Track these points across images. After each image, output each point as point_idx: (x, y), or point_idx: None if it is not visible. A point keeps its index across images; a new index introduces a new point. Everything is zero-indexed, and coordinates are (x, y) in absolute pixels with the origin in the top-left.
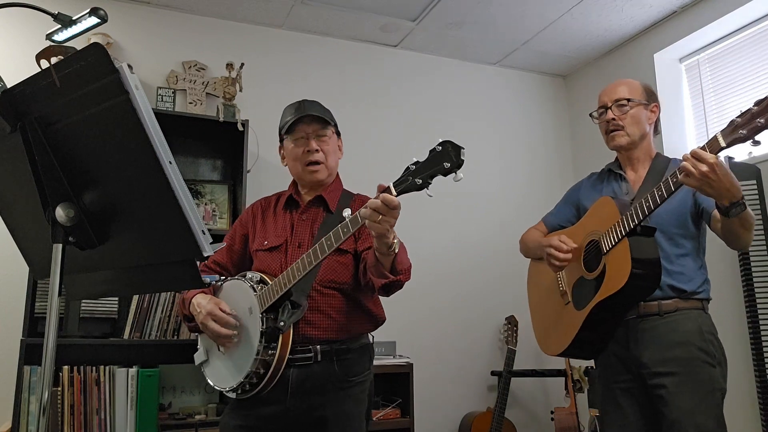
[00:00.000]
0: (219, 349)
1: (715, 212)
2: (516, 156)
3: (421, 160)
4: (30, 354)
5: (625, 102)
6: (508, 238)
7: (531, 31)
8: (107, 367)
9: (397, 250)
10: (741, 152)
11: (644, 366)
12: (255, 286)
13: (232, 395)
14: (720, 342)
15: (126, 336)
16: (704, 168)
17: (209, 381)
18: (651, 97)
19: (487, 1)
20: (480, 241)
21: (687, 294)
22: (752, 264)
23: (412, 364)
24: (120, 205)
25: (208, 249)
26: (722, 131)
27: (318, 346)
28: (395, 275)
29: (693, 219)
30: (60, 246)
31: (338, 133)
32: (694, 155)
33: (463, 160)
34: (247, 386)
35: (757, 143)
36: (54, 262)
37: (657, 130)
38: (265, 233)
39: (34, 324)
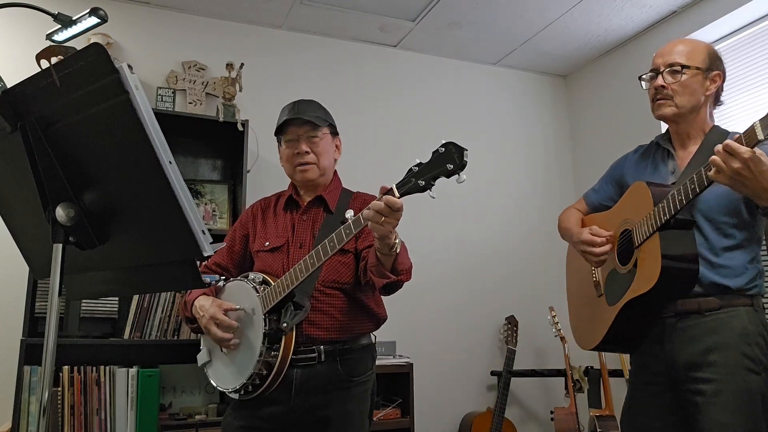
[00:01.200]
0: (222, 350)
1: None
2: (516, 156)
3: (424, 162)
4: (30, 354)
5: (679, 68)
6: (507, 238)
7: (531, 31)
8: (107, 367)
9: (398, 251)
10: None
11: (679, 369)
12: (258, 287)
13: (235, 396)
14: None
15: (126, 336)
16: (736, 164)
17: (212, 382)
18: (714, 64)
19: (487, 1)
20: (480, 241)
21: (731, 290)
22: None
23: (412, 364)
24: (120, 205)
25: (208, 249)
26: (762, 119)
27: (321, 346)
28: (396, 275)
29: (747, 205)
30: (60, 246)
31: (335, 133)
32: (726, 148)
33: (466, 162)
34: (250, 387)
35: None
36: (54, 262)
37: (718, 101)
38: (265, 234)
39: (34, 324)
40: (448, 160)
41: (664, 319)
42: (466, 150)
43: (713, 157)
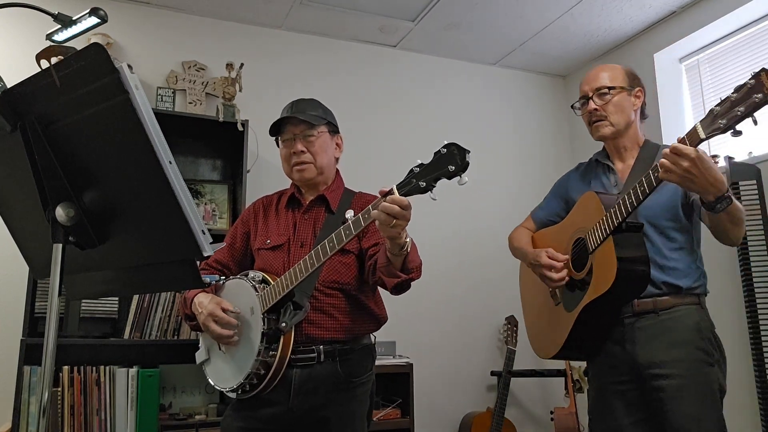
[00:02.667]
0: (220, 348)
1: None
2: (515, 156)
3: (425, 162)
4: (30, 354)
5: (606, 90)
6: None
7: (530, 31)
8: (107, 368)
9: (408, 250)
10: (741, 152)
11: (641, 367)
12: (257, 285)
13: (233, 395)
14: (718, 338)
15: (126, 336)
16: (685, 163)
17: (210, 380)
18: (634, 82)
19: (486, 2)
20: (480, 241)
21: (683, 290)
22: (752, 262)
23: (412, 364)
24: (120, 205)
25: (208, 249)
26: (702, 121)
27: (321, 347)
28: (407, 274)
29: (685, 211)
30: (60, 246)
31: (334, 131)
32: (674, 150)
33: (468, 163)
34: (248, 387)
35: (737, 133)
36: (54, 262)
37: (644, 115)
38: (267, 232)
39: (34, 324)
40: (450, 161)
41: (622, 320)
42: (469, 151)
43: (662, 159)
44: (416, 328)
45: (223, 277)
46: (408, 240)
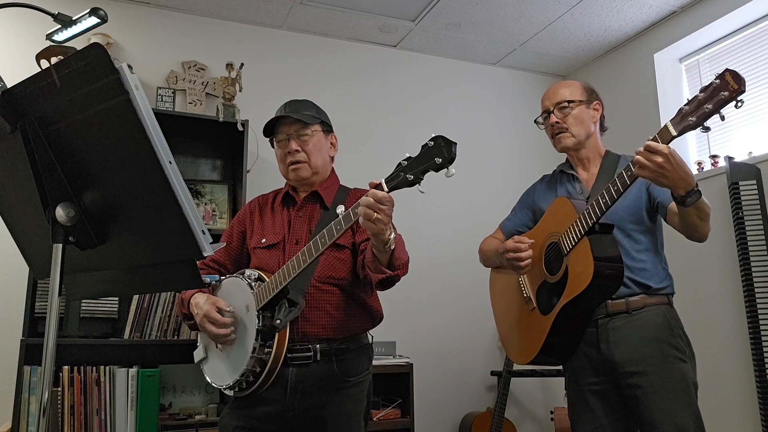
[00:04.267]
0: (217, 347)
1: (672, 205)
2: (515, 155)
3: (413, 156)
4: (30, 354)
5: (566, 104)
6: None
7: (530, 31)
8: (107, 368)
9: (393, 247)
10: (741, 152)
11: (616, 366)
12: (252, 283)
13: (230, 393)
14: (687, 336)
15: (126, 336)
16: (659, 159)
17: (207, 378)
18: (591, 96)
19: (486, 2)
20: (480, 241)
21: (653, 290)
22: (752, 262)
23: (412, 364)
24: (120, 205)
25: (208, 249)
26: (672, 120)
27: (317, 345)
28: (392, 270)
29: (648, 213)
30: (60, 246)
31: (328, 130)
32: (647, 148)
33: (455, 155)
34: (244, 384)
35: (706, 129)
36: (54, 262)
37: (603, 127)
38: (262, 230)
39: (34, 324)
40: (437, 153)
41: (596, 321)
42: (455, 143)
43: (637, 156)
44: (416, 328)
45: (223, 277)
46: (393, 237)
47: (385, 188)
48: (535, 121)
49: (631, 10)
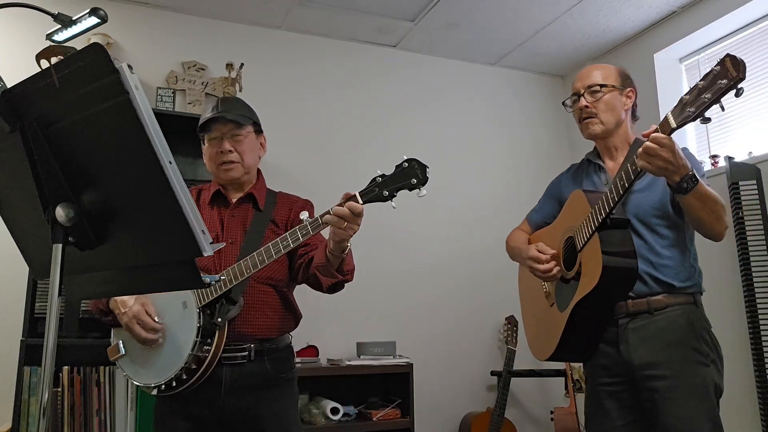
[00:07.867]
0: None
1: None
2: (515, 155)
3: (387, 174)
4: (30, 354)
5: (598, 88)
6: None
7: (529, 31)
8: (107, 368)
9: (347, 253)
10: (741, 152)
11: (635, 368)
12: None
13: (154, 392)
14: (714, 337)
15: None
16: (666, 154)
17: (127, 375)
18: (626, 82)
19: (485, 2)
20: (480, 241)
21: (676, 289)
22: (752, 262)
23: (412, 364)
24: (120, 205)
25: (208, 249)
26: (672, 111)
27: (252, 345)
28: (343, 276)
29: (674, 206)
30: (60, 246)
31: (259, 131)
32: (654, 140)
33: (428, 178)
34: (174, 383)
35: (707, 120)
36: (54, 262)
37: (635, 115)
38: None
39: (34, 324)
40: (412, 175)
41: (616, 321)
42: (428, 167)
43: (639, 149)
44: (416, 328)
45: (223, 277)
46: (349, 244)
47: (360, 201)
48: (563, 103)
49: (630, 11)
